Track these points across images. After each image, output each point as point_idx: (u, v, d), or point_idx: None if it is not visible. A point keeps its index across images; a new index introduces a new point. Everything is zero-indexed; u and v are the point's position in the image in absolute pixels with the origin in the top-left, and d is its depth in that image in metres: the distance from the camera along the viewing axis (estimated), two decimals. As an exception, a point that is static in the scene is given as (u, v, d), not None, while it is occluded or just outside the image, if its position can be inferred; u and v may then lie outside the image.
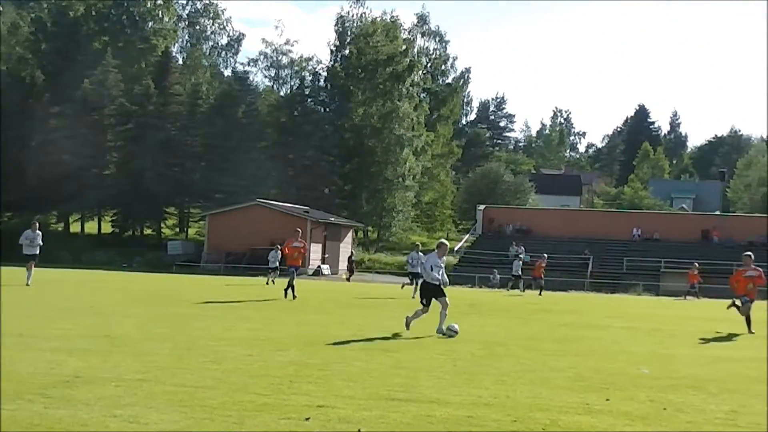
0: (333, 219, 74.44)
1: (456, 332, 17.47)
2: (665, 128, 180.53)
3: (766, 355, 15.75)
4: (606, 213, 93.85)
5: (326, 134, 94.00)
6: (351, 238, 78.30)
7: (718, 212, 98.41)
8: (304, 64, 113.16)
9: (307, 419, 8.39)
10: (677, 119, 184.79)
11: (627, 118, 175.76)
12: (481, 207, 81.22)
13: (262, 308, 25.36)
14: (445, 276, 18.68)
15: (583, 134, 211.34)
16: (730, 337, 20.84)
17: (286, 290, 29.28)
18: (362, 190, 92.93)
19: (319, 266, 67.10)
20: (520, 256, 51.78)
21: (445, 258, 18.76)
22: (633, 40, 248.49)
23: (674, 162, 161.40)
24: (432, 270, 18.12)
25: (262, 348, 14.38)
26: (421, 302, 18.22)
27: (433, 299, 18.08)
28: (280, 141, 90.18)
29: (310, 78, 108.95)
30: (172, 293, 31.41)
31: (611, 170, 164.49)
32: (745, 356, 16.13)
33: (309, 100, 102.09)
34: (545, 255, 48.72)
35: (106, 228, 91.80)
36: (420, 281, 19.28)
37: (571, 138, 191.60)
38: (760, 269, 23.12)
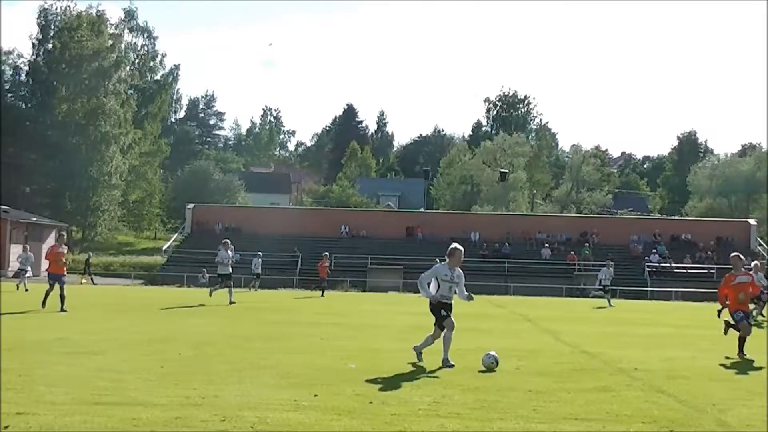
0: (35, 219, 71.78)
1: (495, 363, 13.57)
2: (373, 127, 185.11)
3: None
4: (314, 211, 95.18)
5: (28, 131, 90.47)
6: (54, 239, 75.60)
7: (422, 209, 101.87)
8: (3, 58, 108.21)
9: (6, 428, 8.04)
10: (384, 119, 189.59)
11: (336, 117, 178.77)
12: (190, 206, 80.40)
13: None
14: (464, 290, 14.54)
15: (293, 133, 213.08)
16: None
17: (44, 301, 25.97)
18: (66, 189, 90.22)
19: (20, 268, 64.37)
20: (259, 253, 51.49)
21: (459, 270, 14.41)
22: (342, 39, 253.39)
23: (381, 161, 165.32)
24: (439, 287, 14.21)
25: (-45, 355, 13.63)
26: (435, 323, 14.30)
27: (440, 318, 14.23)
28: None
29: (11, 72, 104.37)
30: None
31: (320, 168, 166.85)
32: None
33: (9, 95, 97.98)
34: (327, 254, 48.82)
35: None
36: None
37: (281, 136, 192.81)
38: (752, 274, 18.63)
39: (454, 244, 14.58)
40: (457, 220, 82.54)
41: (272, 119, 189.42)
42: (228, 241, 34.30)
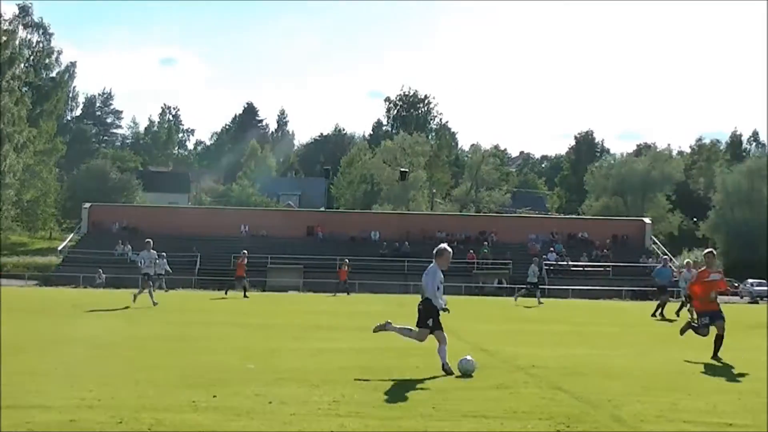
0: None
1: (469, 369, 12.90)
2: (273, 126, 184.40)
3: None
4: (214, 210, 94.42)
5: None
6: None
7: (322, 208, 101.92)
8: None
9: None
10: (284, 118, 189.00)
11: (236, 115, 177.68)
12: (87, 205, 79.31)
13: None
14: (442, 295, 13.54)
15: (192, 131, 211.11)
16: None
17: None
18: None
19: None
20: (164, 254, 50.68)
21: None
22: (242, 37, 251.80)
23: (281, 160, 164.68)
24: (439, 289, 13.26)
25: None
26: (418, 324, 13.61)
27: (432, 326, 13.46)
28: None
29: None
30: None
31: (219, 167, 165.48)
32: (343, 348, 16.75)
33: None
34: (245, 252, 48.29)
35: None
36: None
37: (180, 135, 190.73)
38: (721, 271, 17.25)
39: (443, 245, 13.63)
40: (357, 219, 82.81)
41: (171, 118, 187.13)
42: (150, 241, 33.73)
